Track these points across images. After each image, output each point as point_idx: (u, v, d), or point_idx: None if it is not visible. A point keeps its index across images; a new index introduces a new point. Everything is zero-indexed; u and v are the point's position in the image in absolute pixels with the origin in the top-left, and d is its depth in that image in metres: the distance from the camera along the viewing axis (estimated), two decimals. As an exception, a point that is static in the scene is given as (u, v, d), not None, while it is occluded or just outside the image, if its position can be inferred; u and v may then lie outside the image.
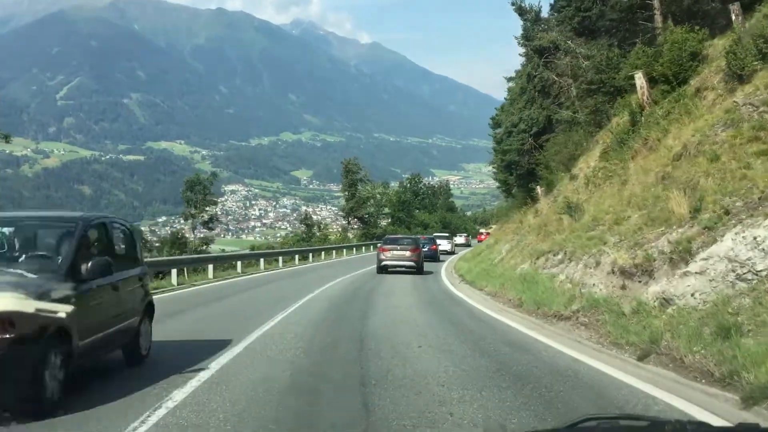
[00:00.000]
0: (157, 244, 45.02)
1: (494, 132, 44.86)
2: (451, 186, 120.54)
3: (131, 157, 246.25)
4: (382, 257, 24.53)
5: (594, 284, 7.93)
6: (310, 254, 36.78)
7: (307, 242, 51.91)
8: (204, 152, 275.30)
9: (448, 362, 6.30)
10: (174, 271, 16.51)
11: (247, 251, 37.71)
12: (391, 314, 10.18)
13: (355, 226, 69.28)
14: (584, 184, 15.42)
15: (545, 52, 28.09)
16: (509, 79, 40.43)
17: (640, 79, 15.02)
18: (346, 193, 70.08)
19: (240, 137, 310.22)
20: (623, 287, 7.23)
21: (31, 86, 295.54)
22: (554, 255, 11.52)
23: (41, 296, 3.95)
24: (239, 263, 24.49)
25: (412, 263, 24.14)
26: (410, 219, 79.29)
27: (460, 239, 63.32)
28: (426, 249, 30.50)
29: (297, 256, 34.10)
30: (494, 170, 49.90)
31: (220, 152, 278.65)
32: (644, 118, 14.55)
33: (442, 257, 38.51)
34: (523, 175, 33.59)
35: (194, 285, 17.37)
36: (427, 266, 27.01)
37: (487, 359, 6.47)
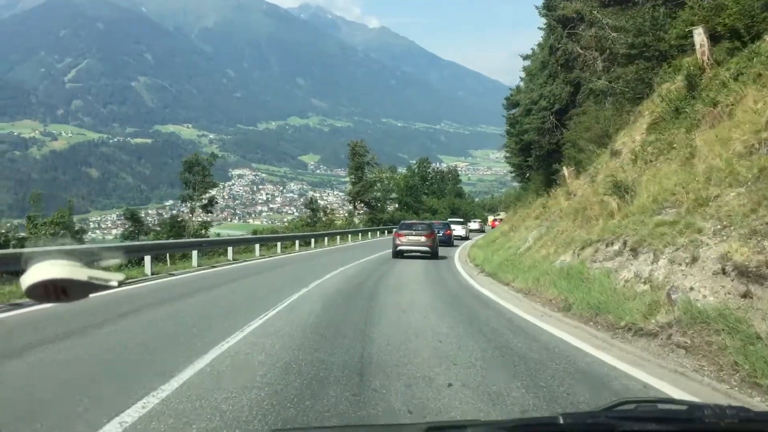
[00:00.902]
0: (157, 228, 43.46)
1: (508, 113, 42.37)
2: (459, 172, 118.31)
3: (139, 140, 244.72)
4: (398, 242, 24.78)
5: (692, 288, 5.61)
6: (312, 240, 34.22)
7: (312, 227, 49.59)
8: (211, 136, 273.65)
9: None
10: (147, 259, 14.14)
11: (238, 236, 33.47)
12: (403, 323, 7.40)
13: (362, 211, 66.86)
14: (631, 161, 13.03)
15: (569, 23, 25.54)
16: (525, 57, 37.76)
17: (700, 36, 12.68)
18: (353, 176, 67.62)
19: (247, 121, 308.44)
20: (746, 295, 4.93)
21: (39, 69, 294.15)
22: (607, 245, 9.13)
23: None
24: (230, 249, 22.08)
25: (427, 248, 24.41)
26: (418, 204, 77.19)
27: (474, 225, 61.81)
28: (440, 234, 30.78)
29: (297, 242, 31.44)
30: (507, 154, 47.22)
31: (227, 136, 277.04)
32: (706, 81, 12.24)
33: (455, 242, 38.26)
34: (543, 156, 30.47)
35: (171, 275, 14.88)
36: (441, 252, 25.92)
37: (562, 408, 4.09)
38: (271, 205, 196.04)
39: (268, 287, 12.42)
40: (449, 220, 52.14)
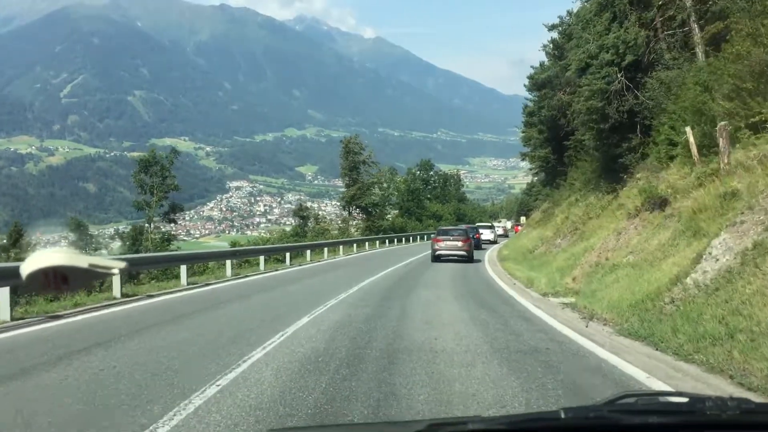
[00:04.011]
0: (117, 243, 41.56)
1: (532, 95, 38.05)
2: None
3: (135, 154, 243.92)
4: (436, 247, 26.18)
5: None
6: (287, 255, 26.25)
7: (301, 238, 43.77)
8: (208, 149, 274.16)
9: None
10: (183, 268, 14.05)
11: (190, 252, 24.44)
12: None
13: (358, 218, 58.72)
14: None
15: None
16: (551, 28, 32.60)
17: None
18: (347, 178, 58.45)
19: (244, 133, 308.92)
20: None
21: (35, 84, 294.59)
22: None
23: None
24: (183, 268, 16.00)
25: (464, 252, 25.73)
26: (421, 210, 72.65)
27: (499, 230, 60.61)
28: None
29: (263, 258, 22.99)
30: (524, 145, 42.64)
31: (224, 148, 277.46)
32: None
33: (484, 246, 38.38)
34: (604, 132, 21.77)
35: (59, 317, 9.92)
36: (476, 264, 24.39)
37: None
38: (269, 217, 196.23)
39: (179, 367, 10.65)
40: (477, 224, 51.69)
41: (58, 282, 1.02)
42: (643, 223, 13.42)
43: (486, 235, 45.52)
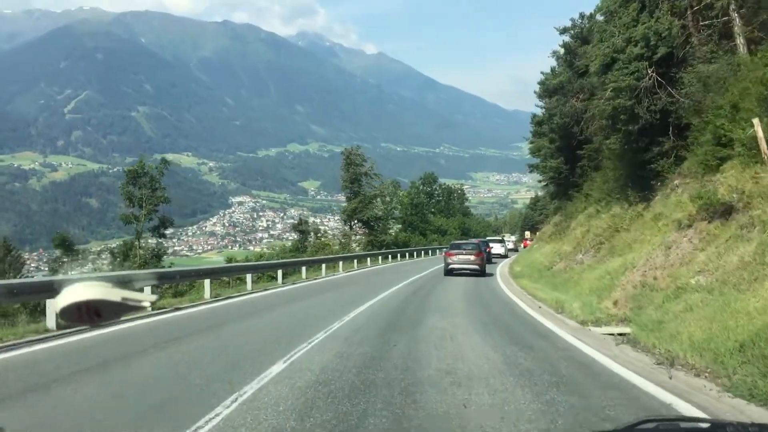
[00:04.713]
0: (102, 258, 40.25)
1: (543, 102, 36.25)
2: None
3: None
4: (449, 261, 26.36)
5: None
6: (279, 272, 23.27)
7: (300, 253, 41.85)
8: (211, 164, 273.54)
9: None
10: (207, 282, 13.04)
11: (162, 270, 20.62)
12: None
13: (360, 233, 56.45)
14: None
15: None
16: (562, 31, 31.24)
17: None
18: (348, 191, 55.94)
19: (247, 149, 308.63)
20: None
21: (38, 100, 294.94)
22: None
23: None
24: (148, 288, 13.29)
25: (476, 266, 25.68)
26: (425, 224, 70.97)
27: (510, 244, 60.01)
28: None
29: (250, 276, 19.88)
30: (533, 156, 40.99)
31: (227, 164, 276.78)
32: None
33: (494, 260, 37.56)
34: (632, 135, 19.15)
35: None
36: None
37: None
38: (271, 232, 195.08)
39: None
40: (488, 238, 51.43)
41: (91, 315, 1.08)
42: (701, 235, 11.34)
43: (497, 249, 45.17)
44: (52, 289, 10.10)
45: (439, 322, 11.04)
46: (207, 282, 16.13)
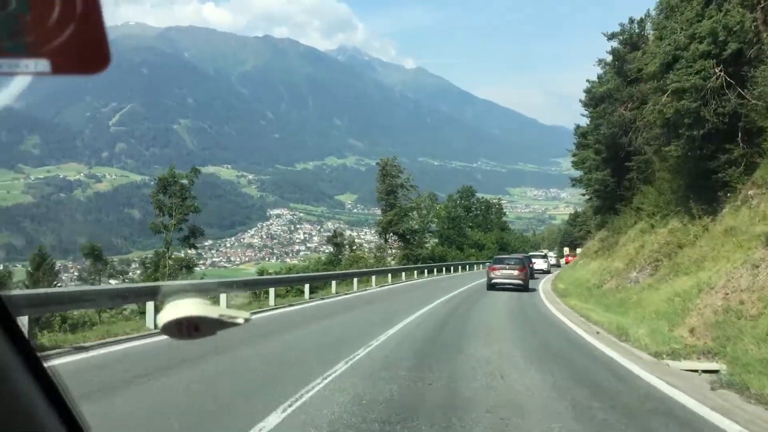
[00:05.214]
0: (135, 270, 39.66)
1: (589, 111, 34.31)
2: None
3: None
4: (492, 275, 26.35)
5: None
6: (306, 286, 21.36)
7: (334, 266, 40.83)
8: (250, 176, 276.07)
9: None
10: (272, 291, 12.33)
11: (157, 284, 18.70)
12: None
13: (395, 246, 54.73)
14: None
15: None
16: (610, 36, 29.61)
17: None
18: (383, 202, 54.25)
19: (286, 161, 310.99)
20: None
21: (85, 113, 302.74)
22: None
23: None
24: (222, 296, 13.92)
25: (520, 281, 25.78)
26: (462, 238, 69.60)
27: (552, 260, 59.37)
28: None
29: (273, 291, 18.48)
30: (576, 168, 39.51)
31: (266, 176, 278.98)
32: None
33: (536, 275, 36.95)
34: (709, 134, 16.86)
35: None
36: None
37: None
38: (308, 245, 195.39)
39: None
40: (530, 253, 50.66)
41: (191, 330, 1.28)
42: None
43: (539, 264, 44.76)
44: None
45: (483, 351, 9.39)
46: (223, 297, 14.58)
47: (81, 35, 0.57)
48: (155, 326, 10.77)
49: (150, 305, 11.90)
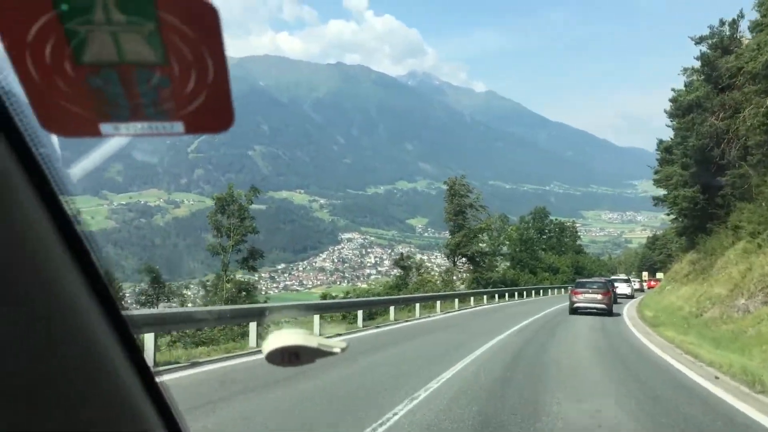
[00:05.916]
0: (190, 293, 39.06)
1: (674, 122, 31.65)
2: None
3: (254, 207, 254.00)
4: (575, 299, 25.97)
5: None
6: (359, 312, 19.54)
7: (400, 290, 38.73)
8: (322, 201, 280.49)
9: None
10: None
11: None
12: None
13: (464, 269, 51.86)
14: None
15: None
16: (698, 41, 28.34)
17: None
18: (451, 223, 51.84)
19: (357, 186, 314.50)
20: None
21: (165, 140, 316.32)
22: None
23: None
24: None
25: (603, 306, 25.11)
26: (535, 262, 66.89)
27: (635, 284, 57.11)
28: None
29: (317, 318, 16.08)
30: (659, 186, 36.73)
31: (337, 201, 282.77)
32: None
33: (619, 300, 35.91)
34: None
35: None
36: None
37: None
38: (379, 268, 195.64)
39: None
40: (612, 278, 48.99)
41: (291, 358, 1.27)
42: None
43: (622, 288, 43.29)
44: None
45: (572, 414, 6.66)
46: (252, 325, 13.24)
47: (211, 99, 0.64)
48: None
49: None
